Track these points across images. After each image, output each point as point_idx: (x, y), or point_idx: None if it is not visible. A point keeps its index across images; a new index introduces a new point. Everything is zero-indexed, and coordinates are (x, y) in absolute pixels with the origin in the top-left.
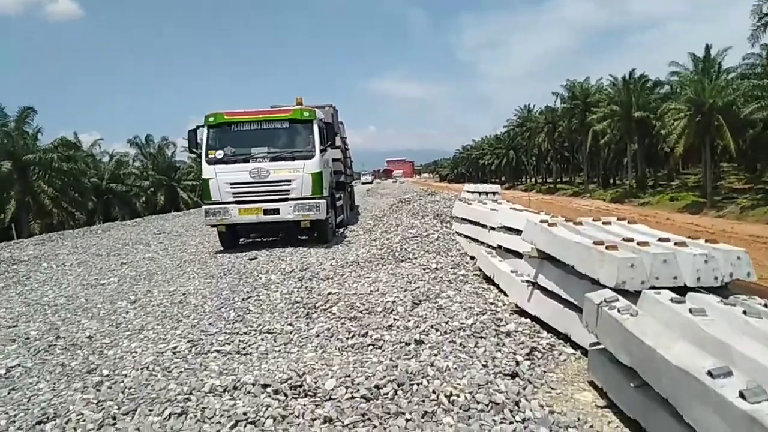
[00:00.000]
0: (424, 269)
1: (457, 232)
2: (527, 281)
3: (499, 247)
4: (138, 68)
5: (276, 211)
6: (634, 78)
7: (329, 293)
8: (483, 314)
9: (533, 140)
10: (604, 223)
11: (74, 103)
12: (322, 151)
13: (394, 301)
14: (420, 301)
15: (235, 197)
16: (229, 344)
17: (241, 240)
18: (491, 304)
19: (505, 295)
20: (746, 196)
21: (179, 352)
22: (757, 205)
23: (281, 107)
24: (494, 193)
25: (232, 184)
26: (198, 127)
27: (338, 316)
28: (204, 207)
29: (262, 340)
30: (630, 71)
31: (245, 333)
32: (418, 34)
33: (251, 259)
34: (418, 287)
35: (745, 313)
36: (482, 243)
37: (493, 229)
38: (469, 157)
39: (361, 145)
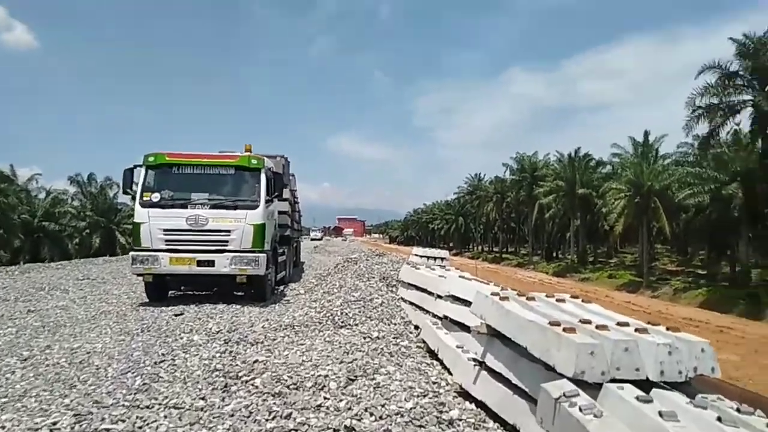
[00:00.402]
0: (365, 338)
1: (402, 298)
2: (474, 359)
3: (446, 317)
4: (90, 105)
5: (211, 263)
6: (579, 156)
7: (255, 361)
8: (424, 396)
9: (482, 209)
10: (558, 300)
11: (21, 135)
12: (268, 202)
13: (326, 375)
14: (356, 376)
15: (167, 245)
16: (123, 421)
17: (171, 292)
18: (434, 383)
19: (450, 373)
20: (678, 279)
21: (57, 431)
22: (689, 288)
23: (229, 153)
24: (442, 259)
25: (165, 230)
26: (136, 166)
27: (261, 390)
28: (131, 253)
29: (165, 417)
30: (575, 150)
31: (147, 407)
32: (378, 96)
33: (177, 315)
34: (356, 359)
35: (719, 419)
36: (428, 312)
37: (440, 297)
38: (420, 221)
39: (315, 201)
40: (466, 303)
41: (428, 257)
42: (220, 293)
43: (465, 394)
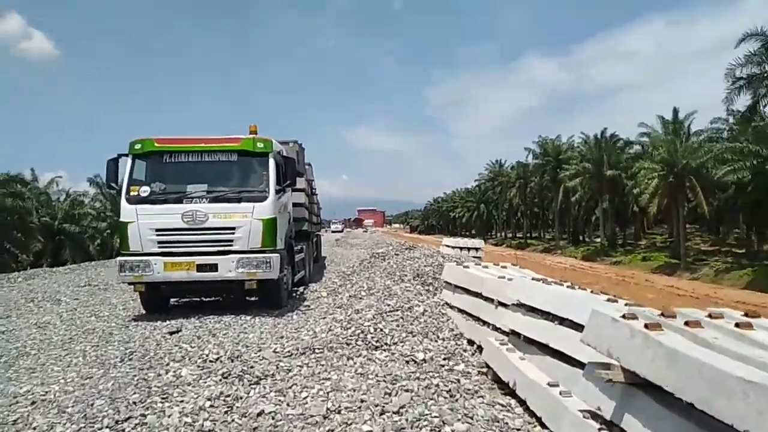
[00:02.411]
0: (408, 363)
1: (447, 303)
2: (592, 414)
3: (515, 333)
4: (111, 107)
5: (213, 267)
6: (606, 137)
7: (260, 413)
8: None
9: (504, 195)
10: (739, 325)
11: (45, 141)
12: (279, 192)
13: None
14: None
15: (160, 247)
16: None
17: (173, 300)
18: None
19: (543, 425)
20: (716, 259)
21: None
22: (732, 269)
23: (231, 137)
24: (477, 249)
25: (158, 230)
26: (120, 155)
27: None
28: (119, 259)
29: None
30: (602, 130)
31: None
32: (392, 86)
33: (172, 333)
34: (403, 406)
35: None
36: (486, 323)
37: (503, 305)
38: (440, 210)
39: (335, 194)
40: (550, 316)
41: (461, 248)
42: (228, 299)
43: None
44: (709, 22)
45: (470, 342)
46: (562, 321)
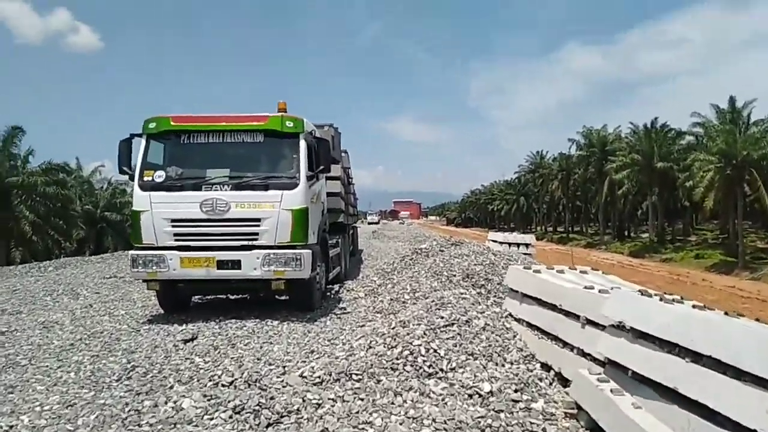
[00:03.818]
0: (470, 396)
1: (512, 315)
2: None
3: (615, 365)
4: (152, 97)
5: (236, 264)
6: (656, 127)
7: None
8: None
9: (546, 187)
10: None
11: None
12: (311, 178)
13: None
14: None
15: (176, 240)
16: None
17: (196, 297)
18: None
19: None
20: None
21: None
22: None
23: (256, 115)
24: (527, 245)
25: (174, 221)
26: (133, 135)
27: None
28: (131, 253)
29: None
30: (652, 120)
31: None
32: (428, 78)
33: (186, 341)
34: None
35: None
36: (567, 344)
37: (595, 325)
38: (478, 202)
39: (370, 185)
40: (676, 349)
41: (509, 243)
42: (254, 298)
43: None
44: (765, 5)
45: (545, 367)
46: (698, 358)
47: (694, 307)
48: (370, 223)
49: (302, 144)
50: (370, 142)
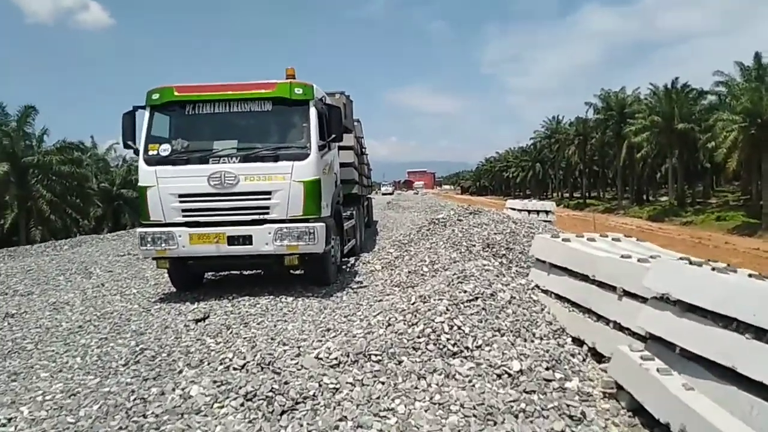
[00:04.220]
0: (499, 376)
1: (539, 286)
2: None
3: (658, 340)
4: (168, 71)
5: (247, 240)
6: (677, 87)
7: None
8: None
9: (562, 153)
10: None
11: (105, 109)
12: (323, 148)
13: None
14: None
15: (185, 216)
16: None
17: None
18: None
19: None
20: None
21: None
22: None
23: (263, 83)
24: (547, 212)
25: (181, 196)
26: (136, 108)
27: None
28: (138, 230)
29: None
30: (673, 80)
31: None
32: (441, 47)
33: (197, 320)
34: None
35: None
36: (601, 317)
37: (633, 297)
38: (493, 170)
39: (384, 156)
40: (734, 323)
41: (528, 211)
42: (270, 272)
43: None
44: None
45: (577, 341)
46: (762, 334)
47: (750, 276)
48: (384, 194)
49: (312, 112)
50: (384, 113)
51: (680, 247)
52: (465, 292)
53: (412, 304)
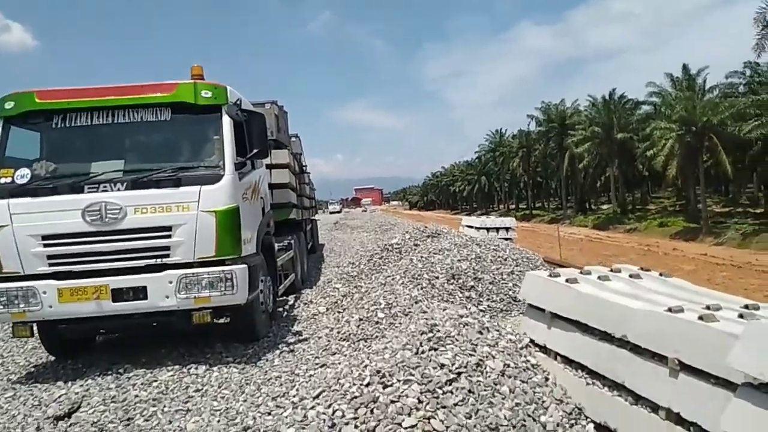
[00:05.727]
0: None
1: (534, 342)
2: None
3: None
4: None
5: (139, 293)
6: (614, 98)
7: None
8: None
9: (506, 165)
10: None
11: None
12: (241, 166)
13: None
14: None
15: (51, 265)
16: None
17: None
18: None
19: None
20: (736, 221)
21: None
22: (760, 231)
23: (160, 84)
24: (507, 229)
25: (45, 237)
26: None
27: None
28: None
29: None
30: (610, 91)
31: None
32: (384, 63)
33: (59, 418)
34: None
35: None
36: (631, 393)
37: (694, 372)
38: (439, 184)
39: (330, 174)
40: None
41: (488, 229)
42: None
43: None
44: None
45: (602, 429)
46: None
47: None
48: (332, 213)
49: (226, 120)
50: (328, 130)
51: (632, 255)
52: (442, 366)
53: (367, 386)
